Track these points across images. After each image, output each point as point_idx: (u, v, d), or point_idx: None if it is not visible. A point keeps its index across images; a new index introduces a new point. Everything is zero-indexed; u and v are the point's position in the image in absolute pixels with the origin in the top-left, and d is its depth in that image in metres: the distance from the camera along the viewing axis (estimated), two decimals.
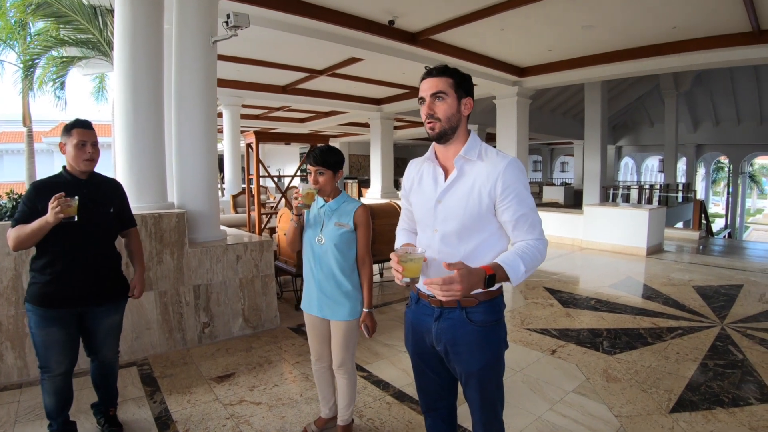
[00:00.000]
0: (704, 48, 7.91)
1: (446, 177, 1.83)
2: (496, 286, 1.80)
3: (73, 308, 2.55)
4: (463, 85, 1.78)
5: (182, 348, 4.25)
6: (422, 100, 1.78)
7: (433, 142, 1.88)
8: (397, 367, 3.93)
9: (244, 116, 14.90)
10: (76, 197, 2.37)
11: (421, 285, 1.87)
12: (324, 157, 2.56)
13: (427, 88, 1.76)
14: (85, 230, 2.50)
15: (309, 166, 2.57)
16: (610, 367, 3.97)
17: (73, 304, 2.53)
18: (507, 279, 1.63)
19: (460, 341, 1.80)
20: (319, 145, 2.87)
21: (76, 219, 2.37)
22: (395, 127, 17.61)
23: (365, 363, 3.99)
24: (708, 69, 16.59)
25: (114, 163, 9.36)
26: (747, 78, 18.98)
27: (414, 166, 2.01)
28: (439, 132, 1.76)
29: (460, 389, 1.99)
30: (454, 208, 1.76)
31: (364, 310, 2.62)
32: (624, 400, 3.41)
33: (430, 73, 1.78)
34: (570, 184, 26.18)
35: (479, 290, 1.76)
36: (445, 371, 1.94)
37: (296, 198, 2.50)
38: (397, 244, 2.03)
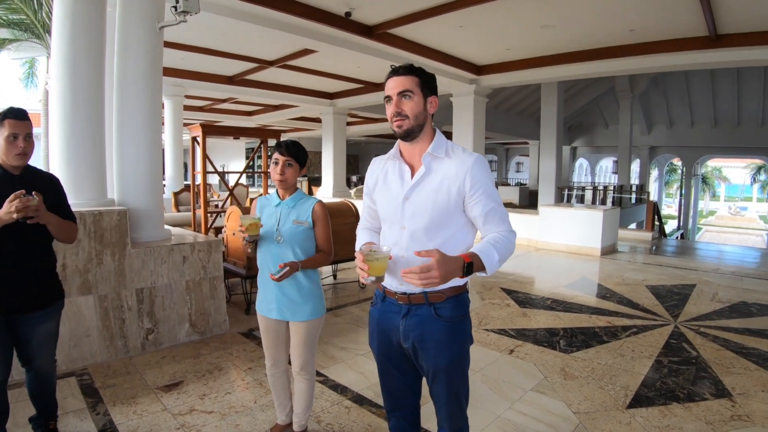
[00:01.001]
0: (661, 51, 8.28)
1: (412, 174, 1.89)
2: (465, 280, 1.89)
3: (4, 315, 2.44)
4: (428, 83, 1.86)
5: (124, 356, 4.14)
6: (389, 98, 1.85)
7: (398, 140, 1.94)
8: (355, 371, 3.97)
9: (187, 107, 14.56)
10: (34, 195, 2.28)
11: (386, 282, 1.93)
12: (295, 149, 2.61)
13: (393, 86, 1.83)
14: (18, 230, 2.37)
15: (277, 156, 2.58)
16: (567, 366, 4.15)
17: (3, 310, 2.43)
18: (483, 268, 1.70)
19: (428, 337, 1.87)
20: (282, 139, 2.86)
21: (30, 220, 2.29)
22: (348, 123, 17.59)
23: (321, 367, 4.01)
24: (663, 72, 17.41)
25: (44, 155, 8.98)
26: (702, 81, 20.03)
27: (378, 164, 2.06)
28: (407, 129, 1.83)
29: (424, 390, 2.06)
30: (422, 205, 1.84)
31: (299, 263, 2.58)
32: (582, 397, 3.58)
33: (396, 71, 1.85)
34: (525, 184, 26.91)
35: (447, 285, 1.84)
36: (411, 369, 2.01)
37: (241, 231, 2.51)
38: (359, 243, 2.07)
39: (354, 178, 25.27)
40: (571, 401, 3.50)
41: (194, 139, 6.70)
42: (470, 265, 1.66)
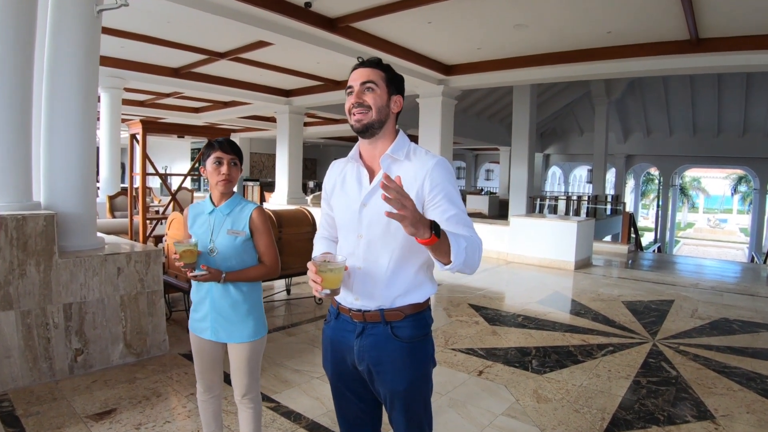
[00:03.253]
0: (639, 55, 8.53)
1: (371, 179, 1.88)
2: (426, 296, 1.88)
3: None
4: (394, 81, 1.87)
5: (50, 380, 4.00)
6: (350, 89, 1.84)
7: (358, 142, 1.94)
8: (310, 396, 3.92)
9: (126, 102, 14.29)
10: None
11: (341, 297, 1.91)
12: (237, 147, 2.56)
13: (357, 77, 1.83)
14: None
15: (220, 154, 2.50)
16: (540, 387, 4.19)
17: None
18: (447, 249, 1.57)
19: (384, 359, 1.84)
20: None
21: None
22: (305, 124, 17.56)
23: (273, 392, 3.95)
24: (641, 77, 17.93)
25: None
26: (681, 88, 20.75)
27: (336, 168, 2.04)
28: (366, 123, 1.81)
29: (384, 416, 2.02)
30: (380, 212, 1.77)
31: (223, 274, 2.47)
32: (556, 421, 3.61)
33: (362, 63, 1.86)
34: (495, 193, 27.29)
35: (406, 302, 1.84)
36: (368, 394, 1.97)
37: (176, 260, 2.42)
38: (315, 253, 2.04)
39: (311, 184, 25.22)
40: (545, 426, 3.53)
41: (133, 136, 6.56)
42: (438, 228, 1.53)
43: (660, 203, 28.50)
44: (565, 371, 4.56)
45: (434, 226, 1.52)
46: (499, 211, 21.66)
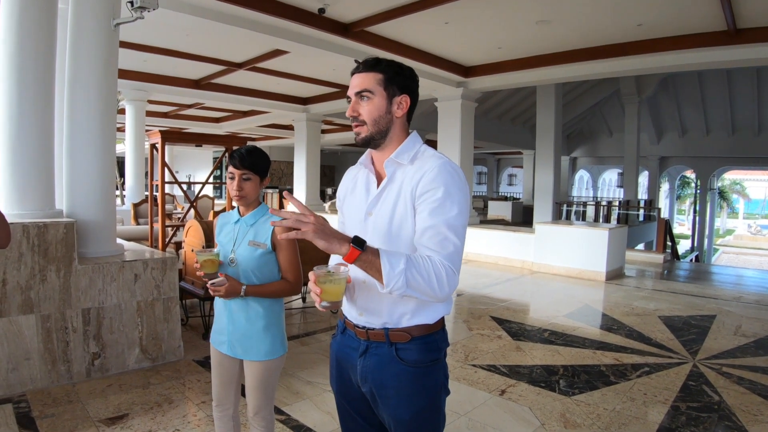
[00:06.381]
0: (673, 48, 8.29)
1: (379, 184, 1.80)
2: (437, 317, 1.77)
3: None
4: (396, 80, 1.74)
5: (67, 383, 4.20)
6: (349, 99, 1.77)
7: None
8: (322, 410, 3.86)
9: (150, 113, 14.76)
10: None
11: (346, 310, 1.86)
12: (252, 159, 2.47)
13: (352, 86, 1.75)
14: None
15: (232, 169, 2.47)
16: (568, 411, 3.98)
17: None
18: (377, 268, 1.48)
19: (388, 383, 1.74)
20: (237, 147, 2.79)
21: None
22: (323, 131, 17.72)
23: (284, 404, 3.92)
24: (674, 72, 17.50)
25: None
26: (718, 83, 20.13)
27: (350, 175, 1.97)
28: (366, 137, 1.74)
29: None
30: (381, 221, 1.72)
31: (243, 286, 2.44)
32: None
33: (357, 68, 1.77)
34: (518, 199, 27.04)
35: (413, 323, 1.73)
36: (375, 417, 1.87)
37: (197, 269, 2.43)
38: (330, 263, 1.93)
39: (329, 191, 25.40)
40: None
41: (153, 146, 6.81)
42: (360, 242, 1.47)
43: (697, 208, 27.86)
44: (595, 393, 4.32)
45: (357, 241, 1.47)
46: (523, 217, 21.45)
